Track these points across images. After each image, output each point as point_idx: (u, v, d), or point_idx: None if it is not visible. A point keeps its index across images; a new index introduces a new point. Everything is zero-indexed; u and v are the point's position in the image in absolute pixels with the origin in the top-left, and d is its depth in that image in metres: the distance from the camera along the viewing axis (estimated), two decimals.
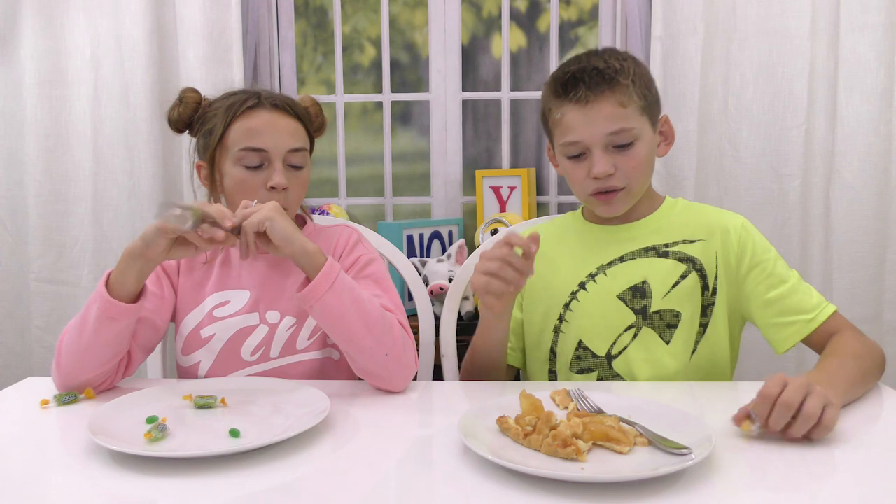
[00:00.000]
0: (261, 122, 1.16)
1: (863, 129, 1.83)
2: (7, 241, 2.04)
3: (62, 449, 0.90)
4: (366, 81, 2.35)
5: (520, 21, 2.29)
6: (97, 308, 1.03)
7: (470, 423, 0.88)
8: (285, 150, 1.17)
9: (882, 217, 1.84)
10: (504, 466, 0.77)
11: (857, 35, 1.81)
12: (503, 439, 0.87)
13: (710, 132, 1.89)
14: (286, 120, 1.19)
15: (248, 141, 1.15)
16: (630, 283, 1.21)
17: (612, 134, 1.15)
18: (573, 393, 0.99)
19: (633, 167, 1.17)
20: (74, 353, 1.06)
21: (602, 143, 1.15)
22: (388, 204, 2.29)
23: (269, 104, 1.18)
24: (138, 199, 1.97)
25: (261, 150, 1.15)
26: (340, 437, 0.91)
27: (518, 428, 0.86)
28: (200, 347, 1.19)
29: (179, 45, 1.95)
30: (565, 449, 0.80)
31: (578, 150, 1.17)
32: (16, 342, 2.06)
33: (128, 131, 1.97)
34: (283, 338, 1.19)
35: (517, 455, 0.82)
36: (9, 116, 2.00)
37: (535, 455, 0.82)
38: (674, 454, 0.80)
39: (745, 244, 1.20)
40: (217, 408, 0.99)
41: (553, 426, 0.84)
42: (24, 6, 1.95)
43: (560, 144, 1.20)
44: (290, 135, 1.18)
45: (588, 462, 0.80)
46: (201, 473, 0.79)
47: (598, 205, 1.21)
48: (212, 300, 1.20)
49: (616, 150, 1.16)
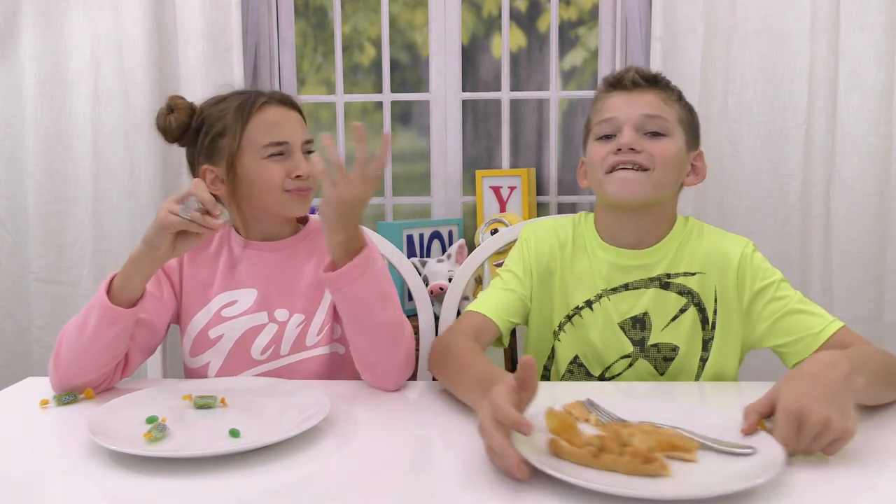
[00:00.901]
0: (277, 116, 1.20)
1: (863, 129, 1.83)
2: (7, 241, 2.04)
3: (62, 449, 0.90)
4: (366, 81, 2.35)
5: (520, 21, 2.29)
6: (97, 313, 1.04)
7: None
8: (301, 142, 1.21)
9: (882, 217, 1.85)
10: (614, 494, 0.70)
11: (857, 35, 1.81)
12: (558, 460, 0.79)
13: (710, 132, 1.89)
14: (294, 113, 1.23)
15: (273, 135, 1.18)
16: (631, 313, 1.19)
17: (646, 116, 1.15)
18: (586, 404, 0.94)
19: (659, 153, 1.15)
20: (73, 355, 1.06)
21: (634, 122, 1.15)
22: (388, 204, 2.29)
23: (275, 100, 1.21)
24: (138, 199, 1.97)
25: (284, 143, 1.19)
26: (340, 437, 0.91)
27: (579, 450, 0.77)
28: (209, 348, 1.19)
29: (179, 45, 1.95)
30: (650, 465, 0.74)
31: (611, 127, 1.17)
32: (16, 342, 2.06)
33: (128, 131, 1.97)
34: (292, 335, 1.20)
35: (598, 476, 0.74)
36: (9, 116, 2.00)
37: (606, 475, 0.75)
38: (739, 454, 0.79)
39: (745, 274, 1.17)
40: (217, 408, 0.99)
41: (624, 443, 0.78)
42: (24, 6, 1.95)
43: (595, 124, 1.20)
44: (302, 126, 1.23)
45: (673, 476, 0.75)
46: (201, 473, 0.79)
47: (612, 182, 1.15)
48: (219, 300, 1.21)
49: (647, 136, 1.15)
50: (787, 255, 1.89)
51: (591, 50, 2.26)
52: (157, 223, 1.00)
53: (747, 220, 1.91)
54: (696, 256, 1.20)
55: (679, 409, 0.95)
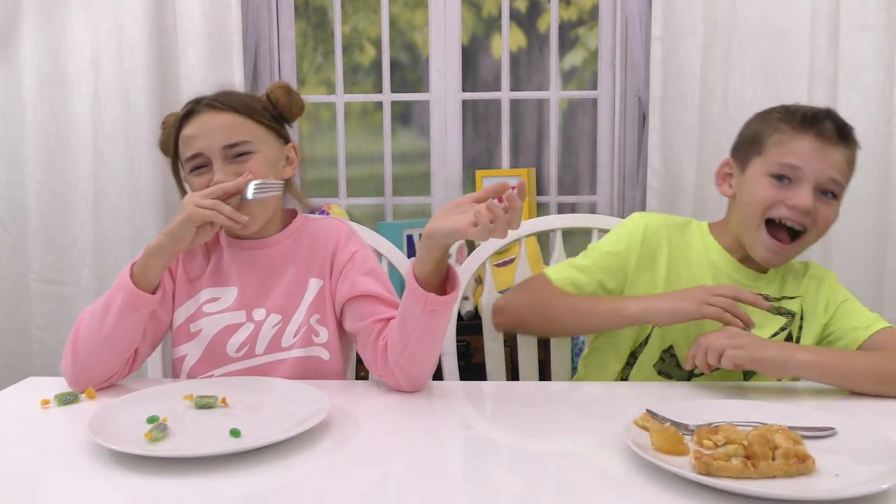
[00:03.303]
0: (193, 128, 1.15)
1: (863, 129, 1.82)
2: (7, 241, 2.04)
3: (62, 449, 0.90)
4: (366, 81, 2.35)
5: (520, 21, 2.29)
6: (121, 299, 1.06)
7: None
8: (219, 148, 1.14)
9: (882, 217, 1.85)
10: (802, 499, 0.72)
11: (856, 35, 1.81)
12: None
13: (710, 132, 1.89)
14: (221, 117, 1.15)
15: (187, 149, 1.16)
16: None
17: (830, 180, 1.14)
18: (653, 415, 0.91)
19: (825, 218, 1.16)
20: (93, 346, 1.08)
21: (817, 181, 1.14)
22: (388, 204, 2.29)
23: (203, 106, 1.16)
24: (138, 199, 1.97)
25: (198, 155, 1.15)
26: (340, 437, 0.91)
27: (733, 463, 0.75)
28: (189, 341, 1.20)
29: (179, 45, 1.95)
30: (804, 464, 0.75)
31: (792, 175, 1.14)
32: (16, 342, 2.06)
33: (128, 131, 1.97)
34: (268, 335, 1.19)
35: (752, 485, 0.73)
36: (9, 117, 2.00)
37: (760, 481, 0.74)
38: (824, 437, 0.83)
39: (835, 296, 1.23)
40: (217, 408, 0.99)
41: (773, 445, 0.77)
42: (24, 6, 1.95)
43: (773, 162, 1.16)
44: (221, 131, 1.14)
45: (818, 470, 0.76)
46: (201, 473, 0.79)
47: (767, 246, 1.17)
48: (204, 294, 1.21)
49: (821, 196, 1.15)
50: None
51: (591, 50, 2.26)
52: (184, 216, 1.05)
53: None
54: (797, 280, 1.25)
55: (726, 405, 0.95)
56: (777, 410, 0.92)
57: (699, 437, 0.82)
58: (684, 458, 0.78)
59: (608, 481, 0.77)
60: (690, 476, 0.73)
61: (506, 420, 0.98)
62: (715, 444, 0.79)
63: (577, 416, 1.00)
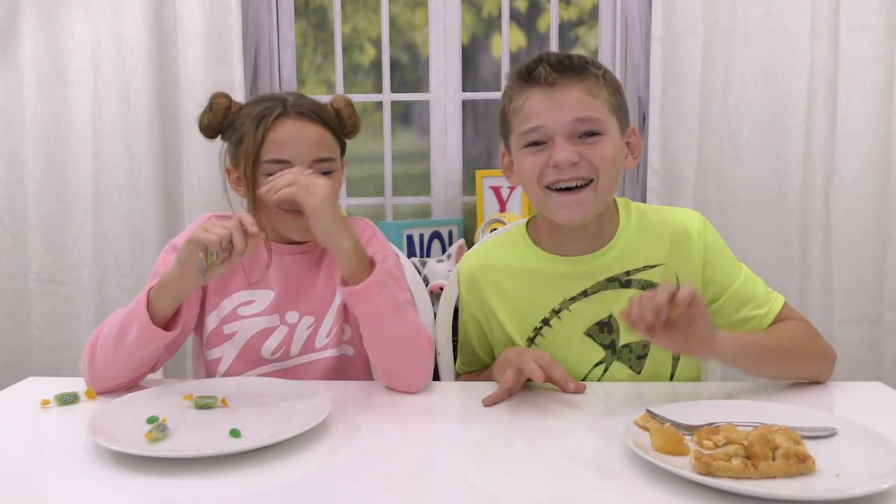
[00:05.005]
0: (286, 133, 1.14)
1: (863, 129, 1.83)
2: (7, 241, 2.04)
3: (62, 449, 0.90)
4: (366, 81, 2.35)
5: (520, 21, 2.29)
6: (137, 331, 1.04)
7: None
8: (310, 161, 1.15)
9: (882, 217, 1.85)
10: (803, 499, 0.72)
11: (856, 35, 1.81)
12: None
13: (710, 132, 1.89)
14: (312, 128, 1.16)
15: (273, 153, 1.14)
16: (596, 318, 1.15)
17: (578, 121, 1.05)
18: (653, 415, 0.90)
19: (599, 158, 1.06)
20: (108, 362, 1.08)
21: (566, 131, 1.05)
22: (388, 204, 2.29)
23: (294, 112, 1.15)
24: (138, 199, 1.97)
25: (285, 162, 1.14)
26: (340, 437, 0.91)
27: (733, 464, 0.74)
28: (223, 343, 1.20)
29: (179, 45, 1.95)
30: (804, 464, 0.75)
31: (539, 135, 1.07)
32: (16, 342, 2.06)
33: (128, 131, 1.97)
34: (302, 337, 1.21)
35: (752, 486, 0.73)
36: (9, 116, 2.00)
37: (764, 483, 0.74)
38: (824, 437, 0.83)
39: (709, 247, 1.14)
40: (217, 408, 0.99)
41: (774, 445, 0.77)
42: (24, 6, 1.95)
43: (519, 134, 1.09)
44: (315, 144, 1.16)
45: (818, 470, 0.75)
46: (201, 473, 0.79)
47: (558, 207, 1.09)
48: (238, 297, 1.21)
49: (581, 139, 1.06)
50: (787, 255, 1.89)
51: (591, 50, 2.26)
52: (188, 238, 1.01)
53: (747, 220, 1.91)
54: (655, 245, 1.15)
55: (726, 405, 0.95)
56: (777, 410, 0.92)
57: (699, 437, 0.82)
58: (684, 458, 0.78)
59: (608, 481, 0.77)
60: (690, 476, 0.73)
61: (505, 420, 0.98)
62: (715, 445, 0.79)
63: (577, 416, 1.00)
